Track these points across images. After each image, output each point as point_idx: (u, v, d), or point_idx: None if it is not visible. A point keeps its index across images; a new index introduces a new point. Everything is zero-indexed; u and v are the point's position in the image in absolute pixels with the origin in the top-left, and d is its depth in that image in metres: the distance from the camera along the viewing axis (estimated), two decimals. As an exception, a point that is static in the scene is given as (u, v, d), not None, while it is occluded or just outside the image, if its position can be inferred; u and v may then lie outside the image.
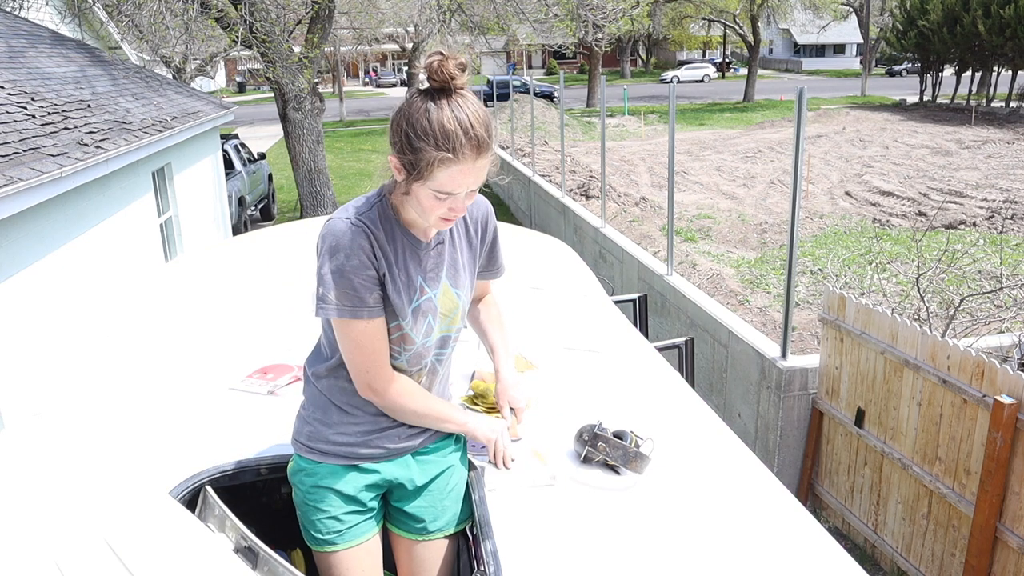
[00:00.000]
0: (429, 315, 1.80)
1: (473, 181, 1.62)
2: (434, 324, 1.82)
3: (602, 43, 20.42)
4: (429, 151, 1.56)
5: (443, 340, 1.87)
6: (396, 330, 1.76)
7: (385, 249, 1.70)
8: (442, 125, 1.56)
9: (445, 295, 1.83)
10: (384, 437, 1.84)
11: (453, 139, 1.56)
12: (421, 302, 1.77)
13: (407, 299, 1.74)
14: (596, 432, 1.94)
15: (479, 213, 1.91)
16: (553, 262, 3.77)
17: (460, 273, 1.86)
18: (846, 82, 44.50)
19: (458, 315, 1.87)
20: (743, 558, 1.65)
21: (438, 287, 1.80)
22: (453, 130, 1.56)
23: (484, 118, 1.61)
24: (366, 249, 1.66)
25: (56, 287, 6.21)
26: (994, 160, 16.20)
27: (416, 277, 1.76)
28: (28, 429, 2.20)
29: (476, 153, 1.59)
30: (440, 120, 1.56)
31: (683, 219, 11.80)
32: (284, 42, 11.15)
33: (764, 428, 5.85)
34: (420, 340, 1.80)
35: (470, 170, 1.60)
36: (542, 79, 48.62)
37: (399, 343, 1.78)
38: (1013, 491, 4.12)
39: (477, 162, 1.60)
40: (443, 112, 1.57)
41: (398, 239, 1.73)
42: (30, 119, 6.38)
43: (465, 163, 1.59)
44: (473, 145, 1.58)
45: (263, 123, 31.97)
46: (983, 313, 7.07)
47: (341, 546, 1.84)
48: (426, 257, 1.77)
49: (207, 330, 2.90)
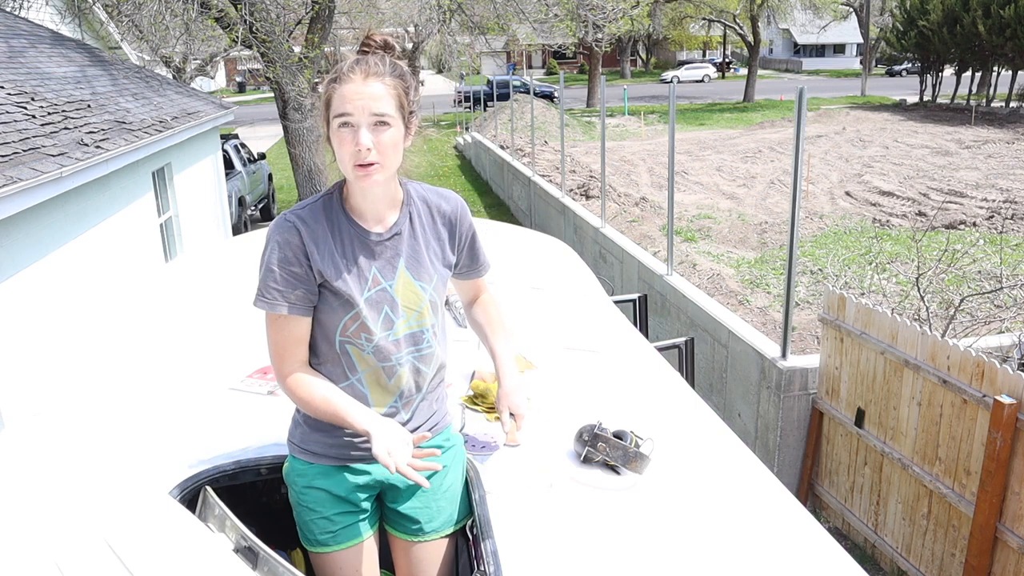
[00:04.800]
0: (386, 307, 1.78)
1: (365, 102, 1.65)
2: (394, 317, 1.79)
3: (602, 43, 20.42)
4: (324, 85, 1.68)
5: (414, 337, 1.82)
6: (354, 320, 1.76)
7: (326, 241, 1.73)
8: (337, 62, 1.70)
9: (406, 287, 1.80)
10: None
11: (340, 66, 1.68)
12: (374, 292, 1.77)
13: (357, 288, 1.75)
14: (596, 432, 1.94)
15: (449, 208, 1.89)
16: (553, 262, 3.77)
17: (424, 266, 1.83)
18: (846, 82, 44.49)
19: (426, 309, 1.83)
20: (743, 558, 1.65)
21: (393, 278, 1.79)
22: (343, 61, 1.69)
23: (386, 61, 1.71)
24: (294, 245, 1.71)
25: (56, 287, 6.21)
26: (994, 160, 16.20)
27: (367, 267, 1.76)
28: (28, 429, 2.20)
29: (363, 74, 1.66)
30: (340, 61, 1.70)
31: (683, 219, 11.79)
32: (284, 42, 11.15)
33: (764, 428, 5.85)
34: (380, 332, 1.77)
35: (358, 89, 1.64)
36: (542, 79, 48.59)
37: (359, 333, 1.77)
38: (1013, 491, 4.12)
39: (367, 81, 1.65)
40: (348, 58, 1.70)
41: (344, 229, 1.76)
42: (30, 119, 6.38)
43: (351, 82, 1.64)
44: (361, 68, 1.66)
45: (263, 123, 31.96)
46: (983, 313, 7.08)
47: (334, 547, 1.84)
48: (379, 248, 1.78)
49: (207, 330, 2.90)
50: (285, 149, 12.78)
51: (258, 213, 15.40)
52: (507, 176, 16.44)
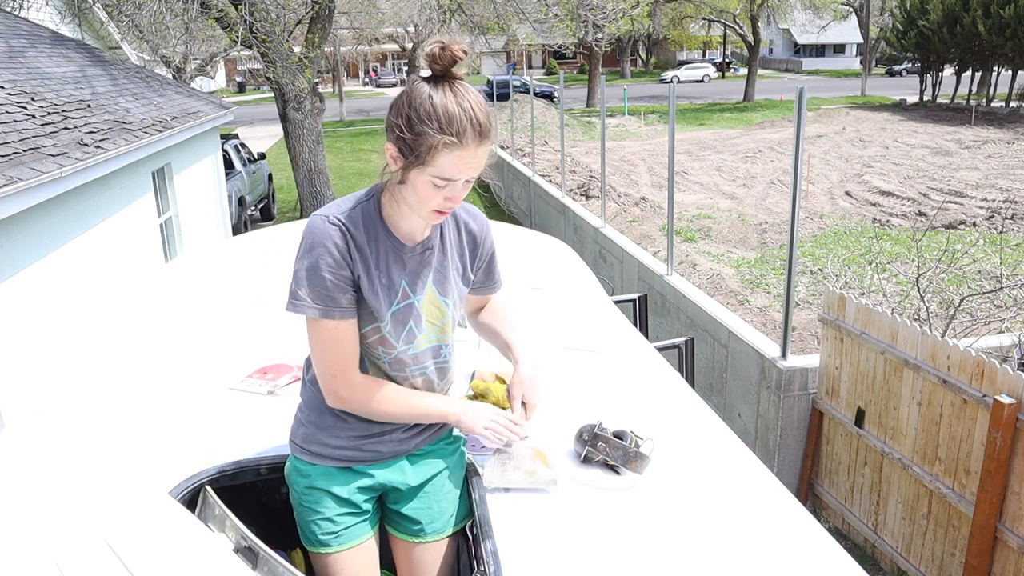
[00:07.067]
0: (410, 321, 1.76)
1: (473, 169, 1.60)
2: (417, 331, 1.77)
3: (602, 43, 20.41)
4: (432, 134, 1.54)
5: (433, 351, 1.83)
6: (374, 332, 1.74)
7: (363, 250, 1.67)
8: (446, 109, 1.54)
9: (431, 303, 1.79)
10: (378, 442, 1.83)
11: (457, 123, 1.54)
12: (402, 306, 1.74)
13: (386, 302, 1.72)
14: (596, 432, 1.94)
15: (476, 226, 1.87)
16: (553, 262, 3.77)
17: (449, 281, 1.81)
18: (846, 82, 44.49)
19: (448, 324, 1.83)
20: (743, 558, 1.65)
21: (422, 293, 1.77)
22: (457, 114, 1.54)
23: (485, 106, 1.60)
24: (341, 248, 1.64)
25: (56, 287, 6.21)
26: (994, 160, 16.20)
27: (399, 281, 1.73)
28: (28, 429, 2.20)
29: (478, 139, 1.57)
30: (444, 104, 1.55)
31: (683, 219, 11.79)
32: (284, 42, 11.14)
33: (764, 428, 5.85)
34: (400, 346, 1.76)
35: (471, 156, 1.58)
36: (542, 79, 48.58)
37: (378, 346, 1.76)
38: (1013, 491, 4.12)
39: (479, 149, 1.58)
40: (447, 97, 1.55)
41: (380, 241, 1.70)
42: (30, 119, 6.38)
43: (467, 148, 1.57)
44: (476, 131, 1.57)
45: (263, 123, 31.96)
46: (983, 313, 7.07)
47: (336, 548, 1.84)
48: (411, 261, 1.74)
49: (207, 330, 2.90)
50: (285, 149, 12.78)
51: (258, 213, 15.40)
52: (507, 176, 16.44)
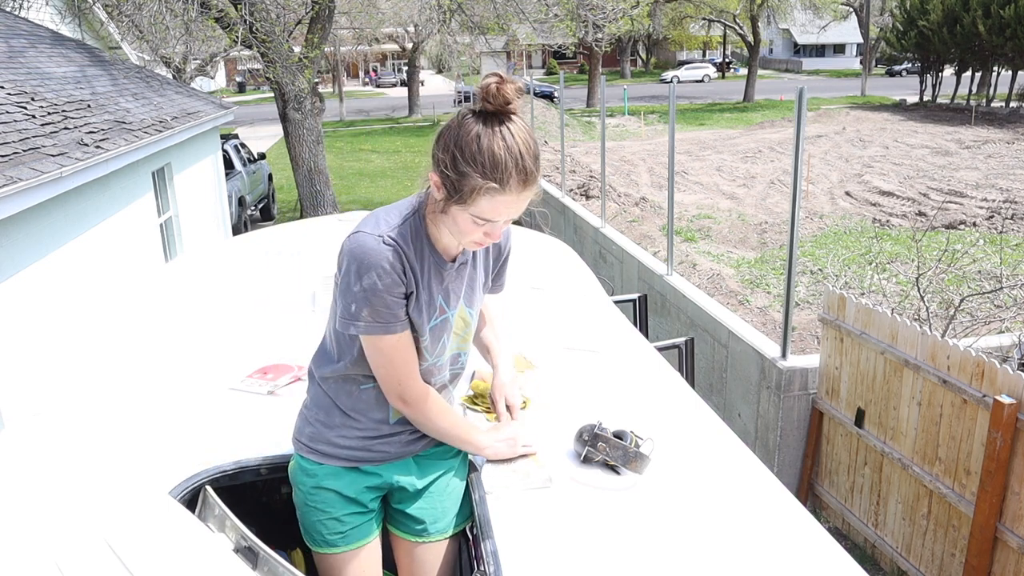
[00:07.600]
0: (444, 335, 1.80)
1: (514, 212, 1.59)
2: (448, 343, 1.82)
3: (602, 43, 20.40)
4: (475, 177, 1.52)
5: (454, 359, 1.89)
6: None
7: (414, 267, 1.67)
8: (492, 153, 1.51)
9: (460, 314, 1.83)
10: (386, 442, 1.84)
11: (502, 169, 1.52)
12: (439, 321, 1.76)
13: (427, 317, 1.73)
14: (596, 432, 1.94)
15: (502, 239, 1.92)
16: (553, 262, 3.77)
17: (476, 293, 1.86)
18: (846, 82, 44.48)
19: (470, 334, 1.88)
20: (743, 558, 1.65)
21: (456, 307, 1.80)
22: (503, 160, 1.52)
23: (534, 149, 1.57)
24: (397, 268, 1.63)
25: (56, 287, 6.21)
26: (994, 160, 16.20)
27: (437, 296, 1.74)
28: (28, 429, 2.20)
29: (523, 186, 1.56)
30: (491, 147, 1.52)
31: (683, 219, 11.79)
32: (284, 42, 11.14)
33: (764, 428, 5.85)
34: (432, 359, 1.80)
35: (514, 201, 1.57)
36: (542, 79, 48.54)
37: None
38: (1013, 491, 4.12)
39: (522, 194, 1.57)
40: (495, 139, 1.52)
41: (426, 257, 1.69)
42: (30, 119, 6.38)
43: (510, 194, 1.55)
44: (521, 178, 1.54)
45: (263, 123, 31.96)
46: (983, 313, 7.07)
47: (343, 548, 1.84)
48: (448, 277, 1.75)
49: (207, 330, 2.90)
50: (285, 149, 12.78)
51: (258, 213, 15.40)
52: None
